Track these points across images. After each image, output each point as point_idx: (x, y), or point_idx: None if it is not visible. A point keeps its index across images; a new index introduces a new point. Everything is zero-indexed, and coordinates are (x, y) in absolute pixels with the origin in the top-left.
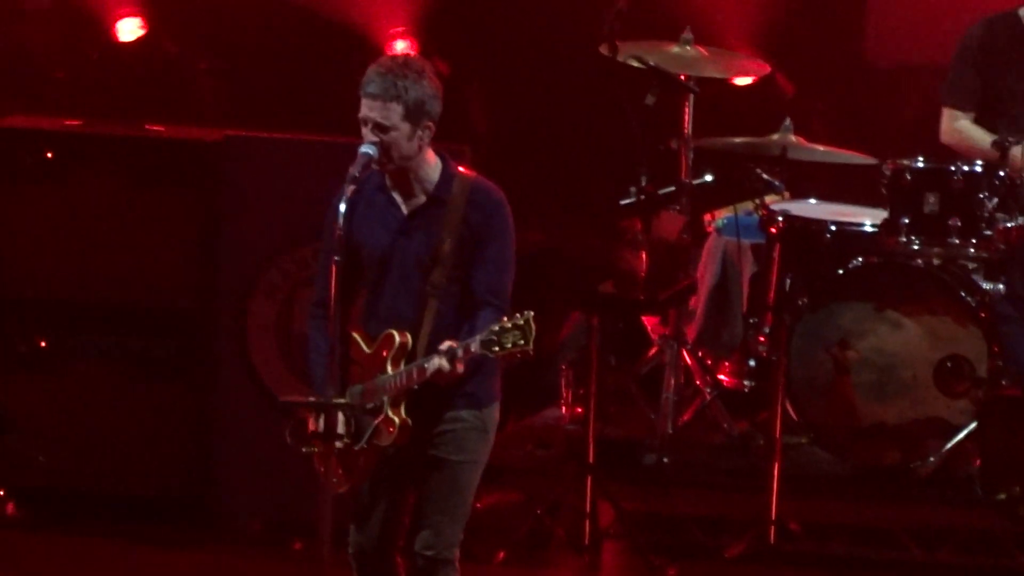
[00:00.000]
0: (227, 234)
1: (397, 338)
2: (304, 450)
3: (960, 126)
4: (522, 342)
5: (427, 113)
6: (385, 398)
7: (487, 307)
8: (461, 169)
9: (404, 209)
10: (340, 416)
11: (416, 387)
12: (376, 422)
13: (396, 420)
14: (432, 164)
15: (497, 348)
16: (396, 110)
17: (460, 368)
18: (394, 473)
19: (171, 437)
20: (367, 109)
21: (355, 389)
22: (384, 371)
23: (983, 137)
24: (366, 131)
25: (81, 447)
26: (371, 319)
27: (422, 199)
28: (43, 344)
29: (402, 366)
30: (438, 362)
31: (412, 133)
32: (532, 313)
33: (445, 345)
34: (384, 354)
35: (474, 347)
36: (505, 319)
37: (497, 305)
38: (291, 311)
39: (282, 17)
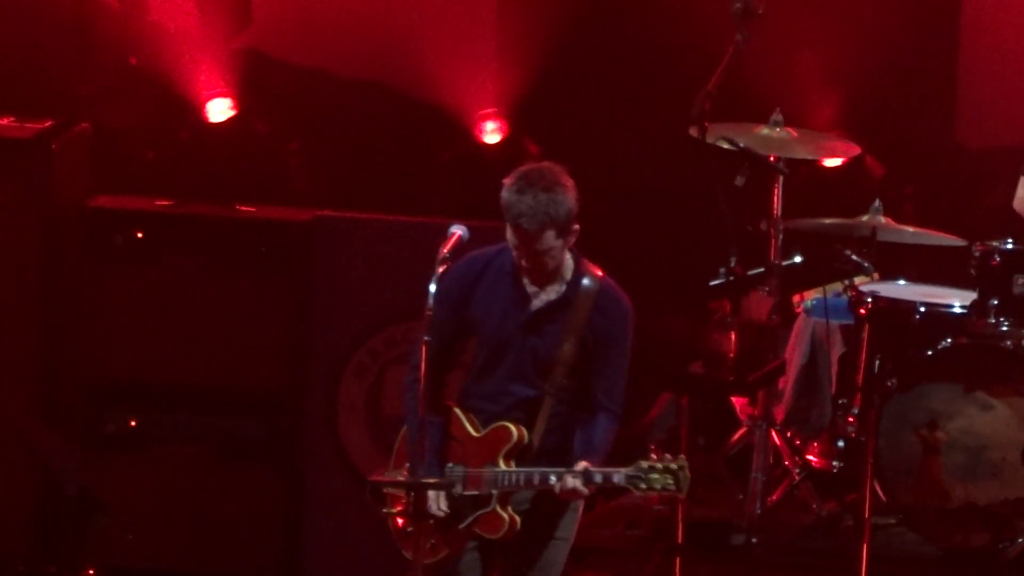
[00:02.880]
0: (317, 314)
1: (515, 434)
2: (384, 512)
3: None
4: (673, 487)
5: (573, 220)
6: (494, 492)
7: (603, 413)
8: (591, 268)
9: (533, 302)
10: (432, 494)
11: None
12: (481, 513)
13: (506, 518)
14: (566, 260)
15: (644, 486)
16: (550, 235)
17: (592, 491)
18: (484, 548)
19: (261, 518)
20: (520, 240)
21: (456, 470)
22: (495, 464)
23: None
24: (518, 253)
25: (170, 527)
26: (475, 398)
27: (551, 295)
28: (133, 424)
29: (513, 464)
30: (572, 483)
31: (564, 245)
32: (686, 461)
33: (581, 466)
34: (498, 447)
35: (617, 479)
36: (655, 458)
37: (613, 411)
38: (380, 391)
39: (371, 97)
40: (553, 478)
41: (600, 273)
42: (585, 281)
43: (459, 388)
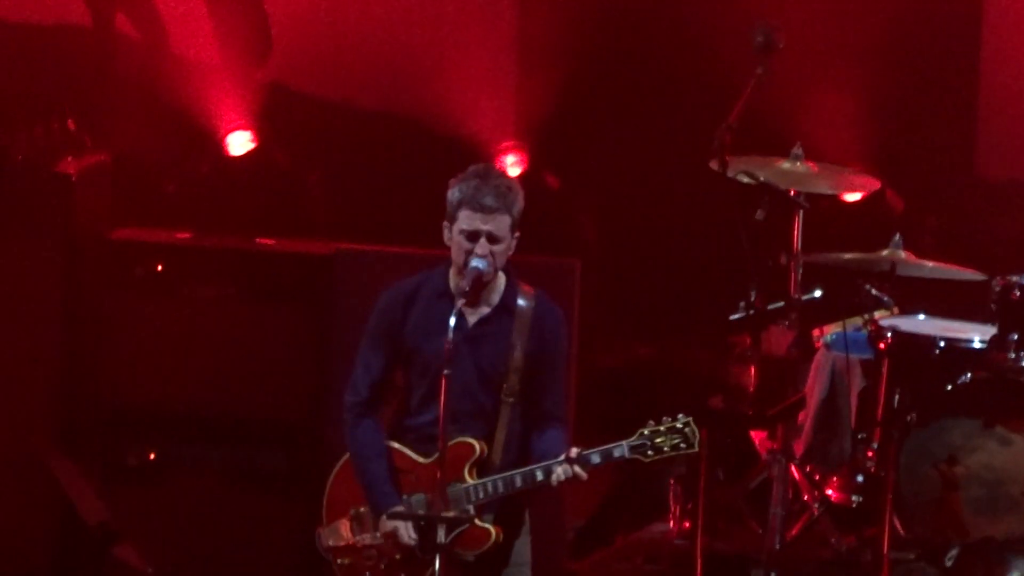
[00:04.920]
0: (337, 347)
1: (476, 447)
2: (339, 562)
3: None
4: (684, 446)
5: (519, 223)
6: (470, 507)
7: (554, 421)
8: (522, 284)
9: (470, 318)
10: (401, 526)
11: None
12: (459, 532)
13: (490, 528)
14: (499, 278)
15: (652, 452)
16: (506, 222)
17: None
18: None
19: (282, 549)
20: (480, 222)
21: (417, 498)
22: (462, 480)
23: None
24: (479, 244)
25: (191, 559)
26: (417, 431)
27: (486, 309)
28: (152, 456)
29: (476, 475)
30: (570, 471)
31: (511, 243)
32: (691, 417)
33: (574, 451)
34: (461, 463)
35: (619, 452)
36: (652, 421)
37: (562, 418)
38: None
39: (391, 129)
40: (540, 474)
41: (531, 288)
42: (520, 291)
43: (391, 425)
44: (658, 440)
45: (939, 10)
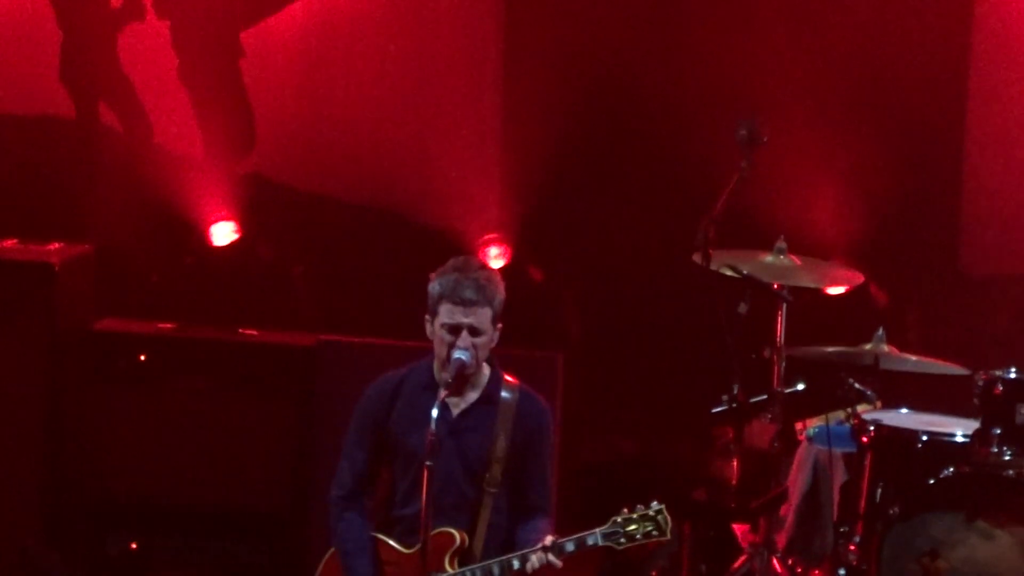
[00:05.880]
0: (320, 438)
1: (457, 537)
2: None
3: None
4: (656, 533)
5: (501, 315)
6: None
7: (539, 512)
8: (506, 375)
9: (454, 410)
10: None
11: None
12: None
13: None
14: (484, 368)
15: (624, 540)
16: (487, 315)
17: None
18: None
19: None
20: (462, 316)
21: None
22: (442, 569)
23: None
24: (461, 337)
25: None
26: (403, 522)
27: (470, 400)
28: (134, 547)
29: (457, 565)
30: (544, 559)
31: (494, 335)
32: (663, 505)
33: (548, 539)
34: (442, 553)
35: (592, 540)
36: (626, 509)
37: (547, 509)
38: None
39: (375, 222)
40: (516, 562)
41: (515, 380)
42: (503, 383)
43: (379, 517)
44: (630, 527)
45: (923, 104)
